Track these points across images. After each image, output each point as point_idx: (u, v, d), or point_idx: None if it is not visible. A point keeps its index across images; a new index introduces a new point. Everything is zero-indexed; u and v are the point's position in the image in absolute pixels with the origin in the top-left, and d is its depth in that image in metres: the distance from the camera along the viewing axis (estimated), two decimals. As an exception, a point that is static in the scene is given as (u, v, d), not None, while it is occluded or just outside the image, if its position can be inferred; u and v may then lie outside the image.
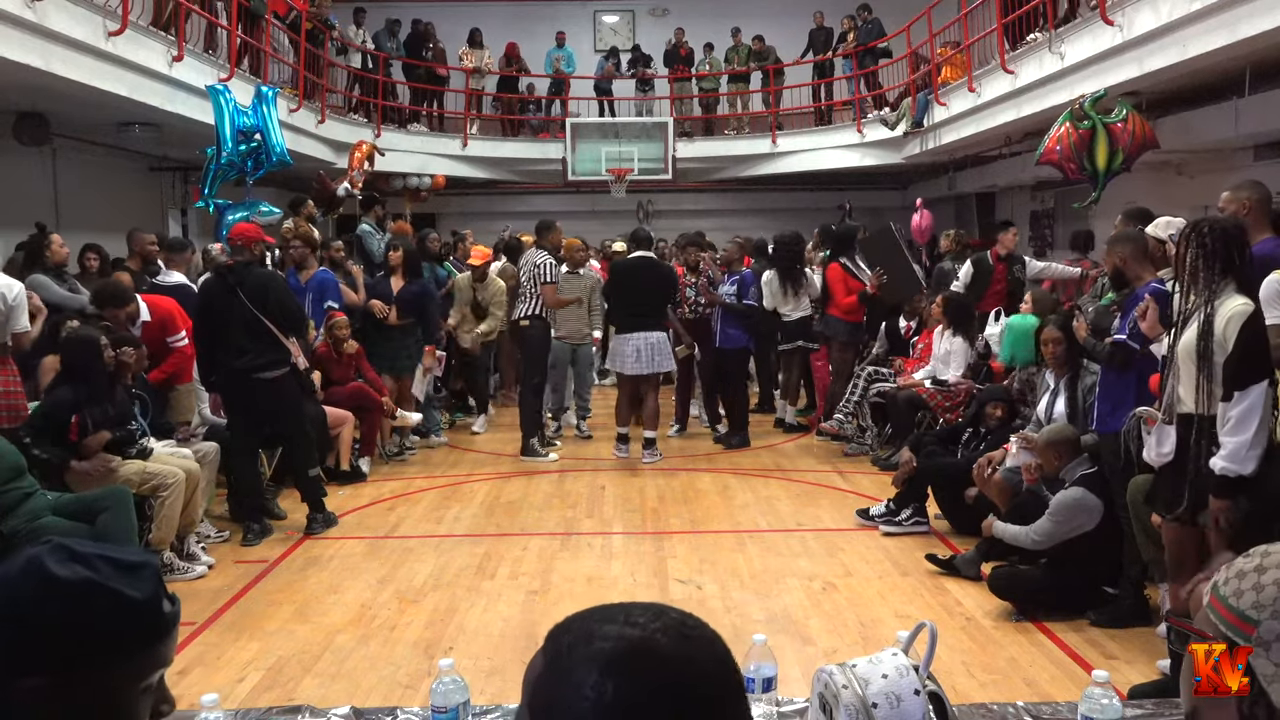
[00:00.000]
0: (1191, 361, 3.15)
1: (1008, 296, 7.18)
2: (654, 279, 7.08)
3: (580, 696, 0.77)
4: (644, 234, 7.47)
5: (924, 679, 1.62)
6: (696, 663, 0.80)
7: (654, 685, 0.78)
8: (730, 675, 0.82)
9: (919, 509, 5.35)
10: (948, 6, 10.62)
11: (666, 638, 0.80)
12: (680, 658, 0.79)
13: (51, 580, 1.00)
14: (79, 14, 6.24)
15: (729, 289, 7.66)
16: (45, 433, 4.49)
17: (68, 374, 4.66)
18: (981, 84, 9.35)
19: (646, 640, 0.79)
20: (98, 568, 1.02)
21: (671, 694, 0.78)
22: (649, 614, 0.82)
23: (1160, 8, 6.01)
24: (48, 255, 6.19)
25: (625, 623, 0.81)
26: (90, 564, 1.02)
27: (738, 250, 8.15)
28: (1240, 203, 3.78)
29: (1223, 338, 3.07)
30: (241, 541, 5.28)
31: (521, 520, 5.72)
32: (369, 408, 6.70)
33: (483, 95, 14.56)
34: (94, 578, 1.01)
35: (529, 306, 7.24)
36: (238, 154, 7.57)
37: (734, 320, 7.61)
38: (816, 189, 14.97)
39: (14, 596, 1.01)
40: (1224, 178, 6.80)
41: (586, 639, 0.80)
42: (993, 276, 7.31)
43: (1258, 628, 1.00)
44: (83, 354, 4.65)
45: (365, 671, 3.65)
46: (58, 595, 1.00)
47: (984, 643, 3.86)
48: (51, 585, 1.00)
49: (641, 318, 6.97)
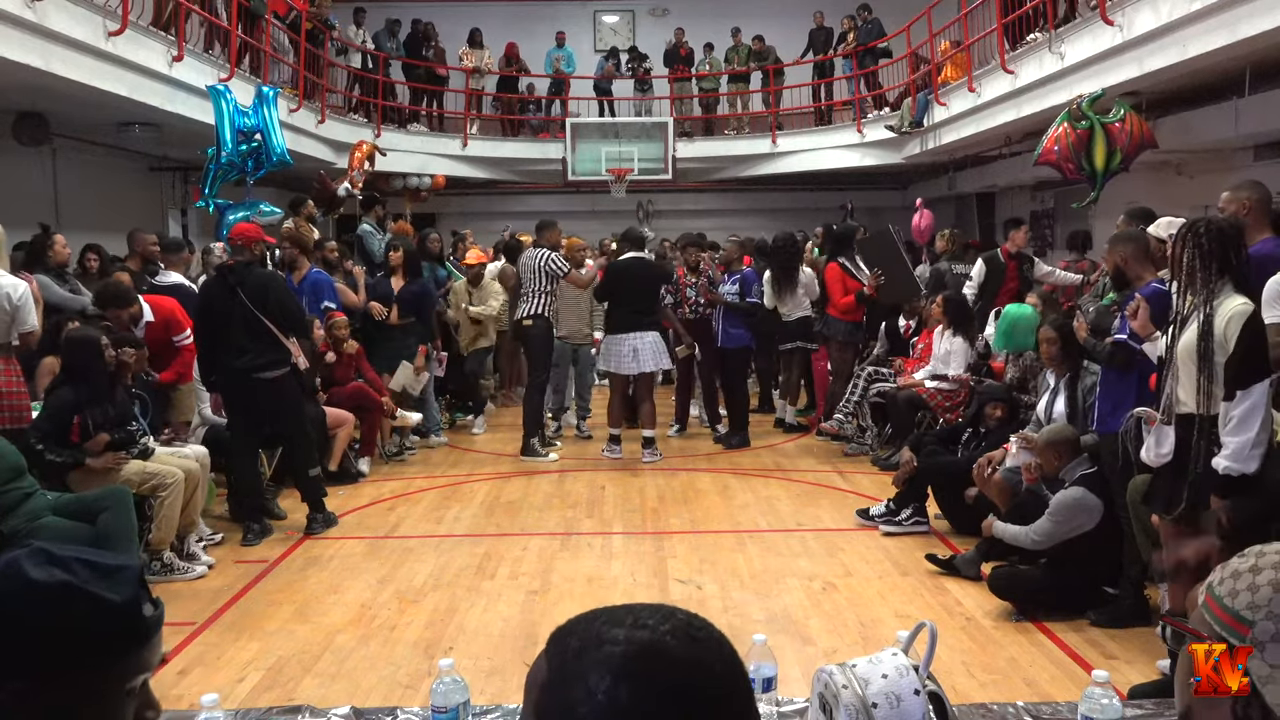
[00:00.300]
0: (1192, 362, 3.16)
1: (1019, 294, 7.15)
2: (647, 279, 7.13)
3: (592, 701, 0.77)
4: (636, 234, 7.49)
5: (924, 679, 1.62)
6: (705, 664, 0.80)
7: (665, 687, 0.78)
8: (739, 677, 0.82)
9: (919, 509, 5.35)
10: (948, 6, 10.63)
11: (675, 639, 0.80)
12: (690, 659, 0.79)
13: (29, 584, 1.00)
14: (79, 14, 6.24)
15: (730, 288, 7.66)
16: (52, 435, 4.51)
17: (68, 374, 4.66)
18: (981, 84, 9.35)
19: (656, 643, 0.79)
20: (75, 571, 1.02)
21: (683, 696, 0.78)
22: (657, 616, 0.82)
23: (1160, 8, 6.01)
24: (49, 255, 6.18)
25: (633, 625, 0.80)
26: (68, 567, 1.02)
27: (737, 249, 8.15)
28: (1240, 203, 3.78)
29: (1223, 337, 3.07)
30: (241, 541, 5.28)
31: (521, 520, 5.72)
32: (369, 408, 6.70)
33: (483, 95, 14.56)
34: (71, 581, 1.01)
35: (531, 306, 7.19)
36: (238, 154, 7.57)
37: (736, 319, 7.61)
38: (816, 189, 14.97)
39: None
40: (1224, 178, 6.80)
41: (596, 643, 0.79)
42: (1005, 274, 7.26)
43: (1252, 628, 1.00)
44: (83, 354, 4.65)
45: (365, 671, 3.65)
46: (35, 599, 0.99)
47: (984, 643, 3.86)
48: (30, 588, 1.00)
49: (636, 317, 7.00)
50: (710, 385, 8.10)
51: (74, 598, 1.00)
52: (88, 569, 1.03)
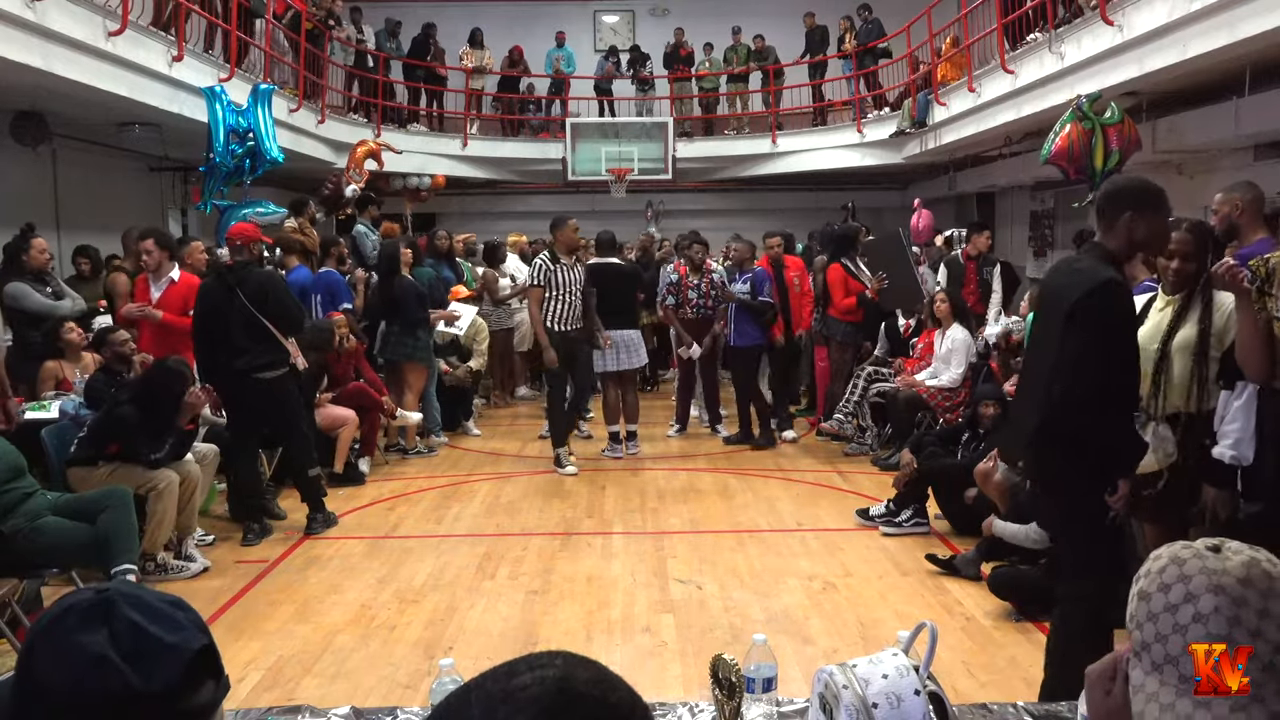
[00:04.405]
0: (1189, 359, 3.19)
1: (978, 297, 7.50)
2: (621, 280, 7.37)
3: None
4: (607, 238, 7.63)
5: (924, 679, 1.62)
6: (610, 681, 0.80)
7: (591, 714, 0.78)
8: (633, 692, 0.82)
9: (919, 509, 5.35)
10: (948, 6, 10.63)
11: (571, 669, 0.80)
12: (599, 679, 0.80)
13: (70, 644, 0.95)
14: (79, 14, 6.24)
15: (742, 287, 7.64)
16: (96, 443, 4.61)
17: (142, 395, 4.71)
18: (981, 84, 9.35)
19: (565, 679, 0.78)
20: (120, 641, 0.96)
21: (609, 715, 0.78)
22: (540, 658, 0.81)
23: (1160, 8, 6.00)
24: (25, 260, 6.06)
25: (529, 670, 0.79)
26: (117, 635, 0.96)
27: (748, 249, 8.10)
28: (1234, 203, 3.79)
29: (1223, 330, 3.13)
30: (241, 541, 5.28)
31: (521, 520, 5.72)
32: (369, 407, 6.70)
33: (483, 95, 14.56)
34: (109, 656, 0.95)
35: (544, 315, 6.79)
36: (230, 156, 7.57)
37: (748, 318, 7.60)
38: (816, 189, 14.98)
39: (31, 646, 0.97)
40: (1224, 178, 6.80)
41: (506, 697, 0.77)
42: (965, 277, 7.55)
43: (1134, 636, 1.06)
44: (166, 382, 4.73)
45: (365, 671, 3.65)
46: (66, 662, 0.95)
47: (984, 643, 3.86)
48: (67, 649, 0.95)
49: (614, 316, 7.16)
50: (712, 385, 8.10)
51: (106, 674, 0.94)
52: (136, 640, 0.96)
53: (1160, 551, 1.08)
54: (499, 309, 9.18)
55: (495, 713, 0.76)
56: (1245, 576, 0.99)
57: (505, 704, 0.76)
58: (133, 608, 0.99)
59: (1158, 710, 1.00)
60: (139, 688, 0.95)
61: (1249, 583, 0.99)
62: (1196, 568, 1.02)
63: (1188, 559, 1.03)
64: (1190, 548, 1.05)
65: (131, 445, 4.60)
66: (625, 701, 0.79)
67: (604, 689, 0.79)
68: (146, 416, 4.64)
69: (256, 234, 5.74)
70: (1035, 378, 2.93)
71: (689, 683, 3.50)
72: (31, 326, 5.96)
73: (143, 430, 4.61)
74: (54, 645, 0.96)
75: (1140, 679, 1.04)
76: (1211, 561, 1.01)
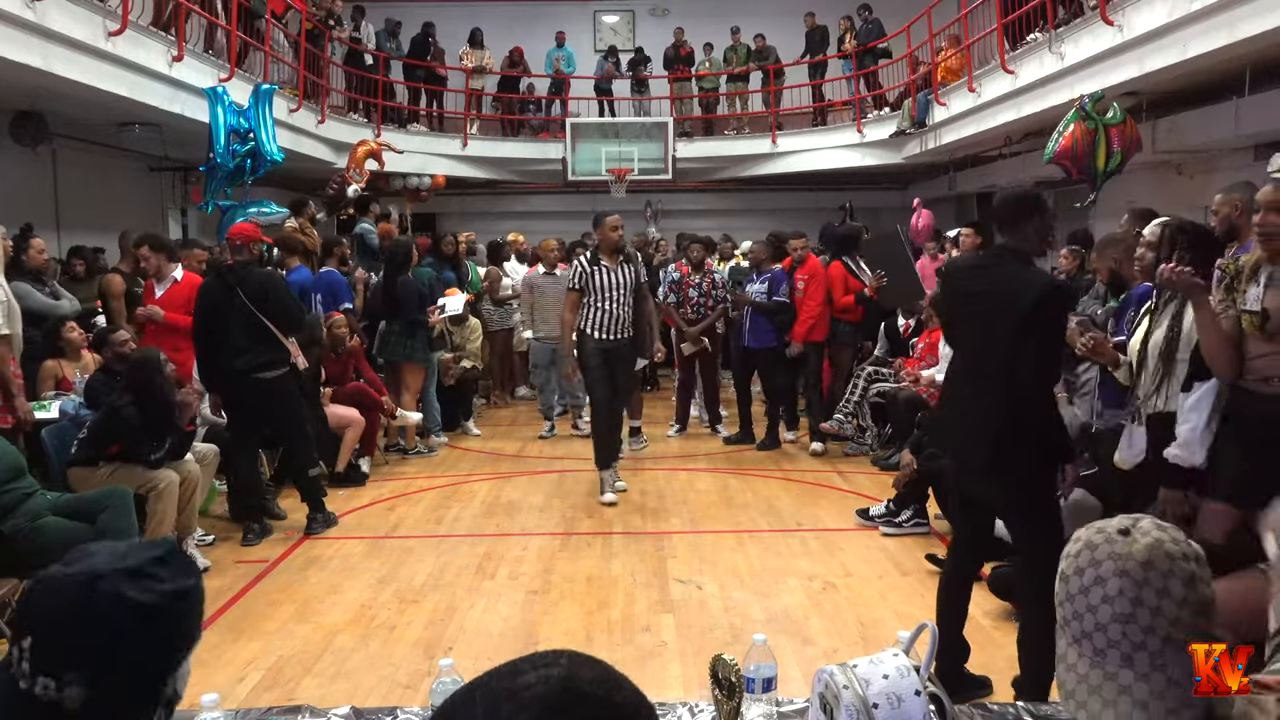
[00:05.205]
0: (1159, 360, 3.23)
1: None
2: None
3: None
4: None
5: (925, 679, 1.62)
6: (615, 680, 0.80)
7: (595, 713, 0.78)
8: (638, 691, 0.82)
9: (919, 509, 5.35)
10: (948, 6, 10.62)
11: (575, 668, 0.80)
12: (604, 678, 0.80)
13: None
14: (79, 14, 6.24)
15: (759, 287, 7.61)
16: (96, 444, 4.61)
17: (137, 395, 4.70)
18: (981, 84, 9.35)
19: (569, 678, 0.78)
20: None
21: (613, 715, 0.78)
22: (544, 657, 0.81)
23: (1160, 8, 6.01)
24: (24, 260, 6.06)
25: (534, 668, 0.79)
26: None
27: (765, 249, 8.07)
28: (1234, 204, 3.79)
29: (1189, 333, 3.19)
30: (241, 541, 5.28)
31: (521, 520, 5.72)
32: (369, 407, 6.70)
33: (483, 95, 14.55)
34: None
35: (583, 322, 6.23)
36: (230, 156, 7.58)
37: (763, 318, 7.57)
38: (817, 189, 14.97)
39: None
40: (1224, 178, 6.80)
41: (510, 695, 0.77)
42: None
43: None
44: (144, 375, 4.72)
45: (365, 671, 3.65)
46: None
47: (984, 643, 3.85)
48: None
49: None
50: (712, 385, 8.10)
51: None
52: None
53: (1080, 534, 1.19)
54: (499, 309, 9.19)
55: (499, 711, 0.76)
56: (1147, 560, 1.11)
57: (509, 702, 0.76)
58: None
59: (1075, 679, 1.14)
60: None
61: (1150, 565, 1.11)
62: (1106, 553, 1.14)
63: (1099, 544, 1.16)
64: (1103, 531, 1.17)
65: (132, 445, 4.59)
66: (630, 700, 0.79)
67: (609, 688, 0.79)
68: (147, 416, 4.63)
69: (257, 234, 5.74)
70: (985, 378, 3.06)
71: (689, 683, 3.50)
72: (32, 326, 5.96)
73: (143, 430, 4.60)
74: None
75: (1063, 649, 1.16)
76: (1119, 545, 1.14)
